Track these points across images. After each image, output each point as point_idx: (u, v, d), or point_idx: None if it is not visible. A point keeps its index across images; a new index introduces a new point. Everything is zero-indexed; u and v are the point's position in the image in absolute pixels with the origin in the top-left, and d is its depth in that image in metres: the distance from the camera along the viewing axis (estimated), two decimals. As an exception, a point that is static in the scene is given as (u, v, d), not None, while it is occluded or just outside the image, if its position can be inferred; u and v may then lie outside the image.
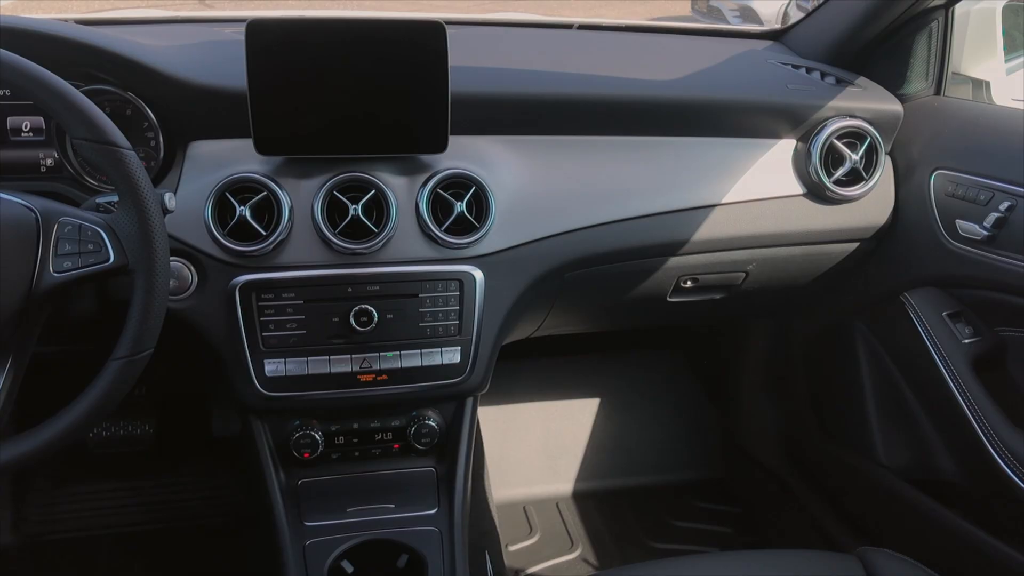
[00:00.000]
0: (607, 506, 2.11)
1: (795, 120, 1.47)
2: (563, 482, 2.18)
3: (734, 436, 2.22)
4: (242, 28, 1.48)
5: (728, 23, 8.04)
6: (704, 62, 1.60)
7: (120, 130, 1.00)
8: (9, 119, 1.28)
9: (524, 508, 2.08)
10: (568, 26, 1.81)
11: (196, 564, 1.89)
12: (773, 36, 1.83)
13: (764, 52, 1.73)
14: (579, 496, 2.15)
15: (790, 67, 1.60)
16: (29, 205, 1.00)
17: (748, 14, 8.04)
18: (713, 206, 1.45)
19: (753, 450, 2.15)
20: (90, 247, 0.99)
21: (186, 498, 2.02)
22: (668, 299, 1.57)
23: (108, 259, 0.99)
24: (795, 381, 2.00)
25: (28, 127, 1.29)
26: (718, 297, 1.62)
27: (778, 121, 1.48)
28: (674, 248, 1.46)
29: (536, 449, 2.19)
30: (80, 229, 1.00)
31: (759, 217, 1.48)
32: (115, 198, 1.09)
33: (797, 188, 1.50)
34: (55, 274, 0.99)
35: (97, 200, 1.11)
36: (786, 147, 1.51)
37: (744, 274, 1.56)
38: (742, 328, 2.12)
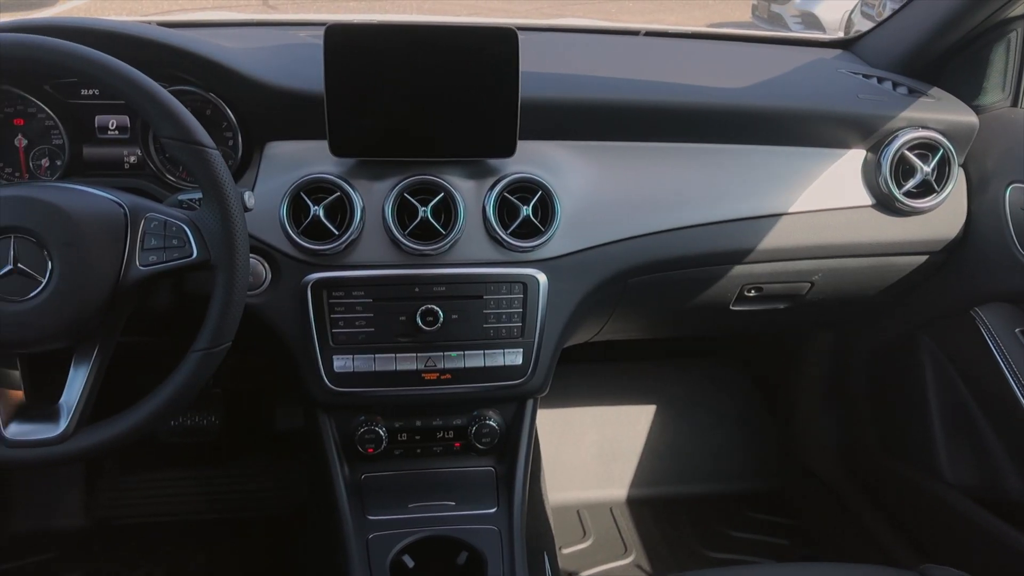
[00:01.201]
0: (661, 513, 2.11)
1: (866, 130, 1.46)
2: (617, 487, 2.18)
3: (791, 447, 2.19)
4: (316, 31, 1.53)
5: (789, 29, 7.94)
6: (773, 70, 1.59)
7: None
8: (97, 118, 1.34)
9: (578, 512, 2.09)
10: (635, 33, 1.81)
11: (256, 554, 1.93)
12: (842, 45, 1.81)
13: (834, 61, 1.71)
14: (633, 502, 2.15)
15: (861, 77, 1.58)
16: (118, 201, 1.05)
17: (810, 20, 7.93)
18: (780, 215, 1.44)
19: (811, 462, 2.13)
20: (175, 242, 1.03)
21: (248, 489, 2.07)
22: (731, 307, 1.57)
23: (192, 254, 1.03)
24: (856, 394, 1.98)
25: (114, 125, 1.35)
26: (782, 307, 1.60)
27: (848, 131, 1.46)
28: (739, 256, 1.45)
29: (591, 453, 2.19)
30: (166, 225, 1.04)
31: (826, 227, 1.46)
32: (197, 195, 1.13)
33: (866, 199, 1.48)
34: (141, 267, 1.03)
35: (179, 197, 1.15)
36: (855, 157, 1.49)
37: (809, 284, 1.55)
38: (803, 338, 2.10)
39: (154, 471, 2.08)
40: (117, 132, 1.35)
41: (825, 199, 1.46)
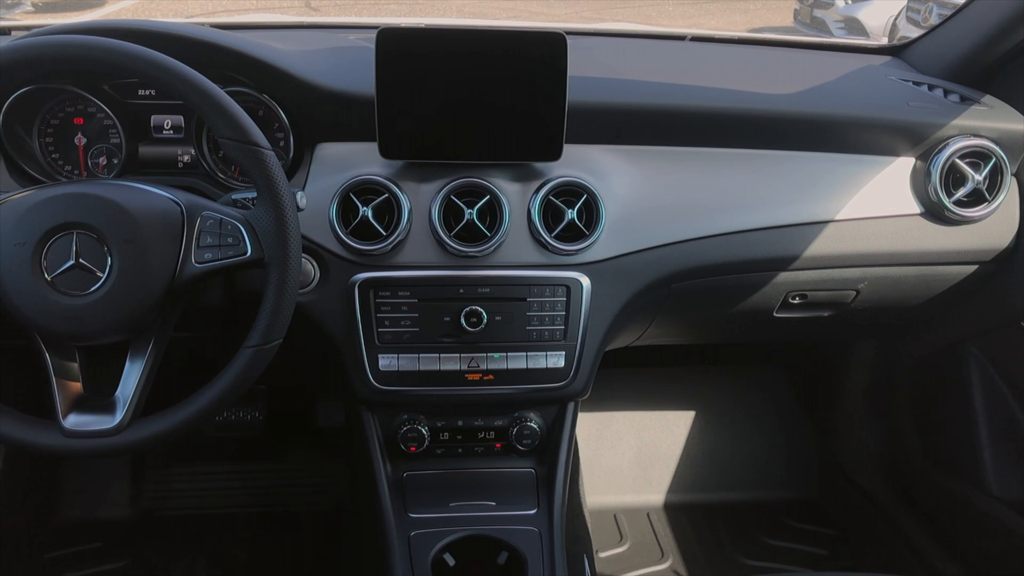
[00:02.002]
0: (699, 519, 2.10)
1: (915, 138, 1.44)
2: (655, 492, 2.17)
3: (832, 456, 2.17)
4: (365, 34, 1.55)
5: (832, 34, 7.84)
6: (821, 76, 1.58)
7: None
8: (153, 117, 1.37)
9: (615, 516, 2.09)
10: (681, 38, 1.81)
11: (298, 549, 1.96)
12: (891, 51, 1.80)
13: (883, 68, 1.69)
14: (670, 507, 2.14)
15: (911, 84, 1.57)
16: (175, 199, 1.08)
17: (854, 26, 7.83)
18: (826, 222, 1.43)
19: (851, 472, 2.10)
20: (229, 240, 1.06)
21: (290, 484, 2.11)
22: (775, 314, 1.56)
23: (246, 252, 1.06)
24: (900, 404, 1.95)
25: (169, 125, 1.38)
26: (826, 315, 1.59)
27: (897, 138, 1.45)
28: (784, 263, 1.44)
29: (629, 458, 2.19)
30: (221, 223, 1.06)
31: (873, 235, 1.45)
32: (250, 195, 1.16)
33: (914, 207, 1.46)
34: (196, 264, 1.06)
35: (233, 196, 1.18)
36: (904, 165, 1.47)
37: (855, 292, 1.53)
38: (846, 346, 2.08)
39: (198, 464, 2.12)
40: (172, 131, 1.38)
41: (872, 207, 1.45)
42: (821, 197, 1.43)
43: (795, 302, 1.54)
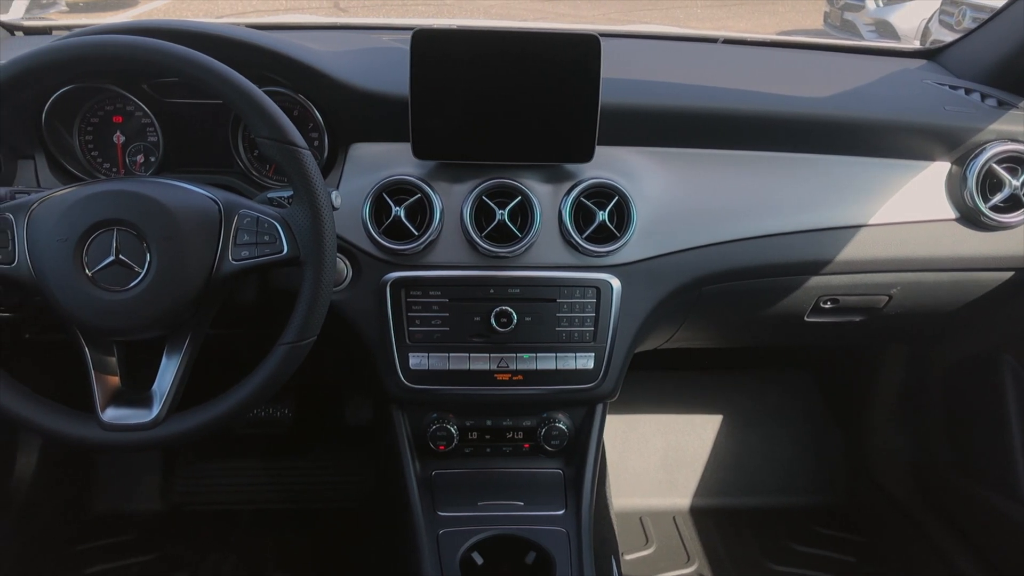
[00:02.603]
0: (725, 523, 2.09)
1: (952, 142, 1.43)
2: (681, 496, 2.16)
3: (860, 462, 2.15)
4: (398, 36, 1.56)
5: (862, 38, 7.77)
6: (856, 79, 1.57)
7: None
8: (190, 116, 1.39)
9: (640, 519, 2.08)
10: (713, 40, 1.80)
11: (325, 545, 1.98)
12: (926, 55, 1.78)
13: (919, 71, 1.68)
14: (696, 511, 2.14)
15: (947, 87, 1.55)
16: (213, 197, 1.09)
17: (885, 29, 7.75)
18: (859, 227, 1.42)
19: (880, 478, 2.08)
20: (266, 238, 1.07)
21: (317, 481, 2.12)
22: (806, 319, 1.55)
23: (282, 250, 1.07)
24: (931, 410, 1.93)
25: (205, 124, 1.40)
26: (857, 320, 1.58)
27: (933, 143, 1.43)
28: (816, 267, 1.43)
29: (655, 461, 2.18)
30: (258, 221, 1.08)
31: (907, 240, 1.44)
32: (285, 193, 1.17)
33: (949, 212, 1.45)
34: (234, 262, 1.07)
35: (268, 195, 1.19)
36: (939, 170, 1.46)
37: (887, 297, 1.52)
38: (877, 352, 2.06)
39: (228, 460, 2.15)
40: (208, 131, 1.40)
41: (906, 211, 1.43)
42: (855, 201, 1.42)
43: (826, 306, 1.53)
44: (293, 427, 2.04)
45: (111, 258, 1.03)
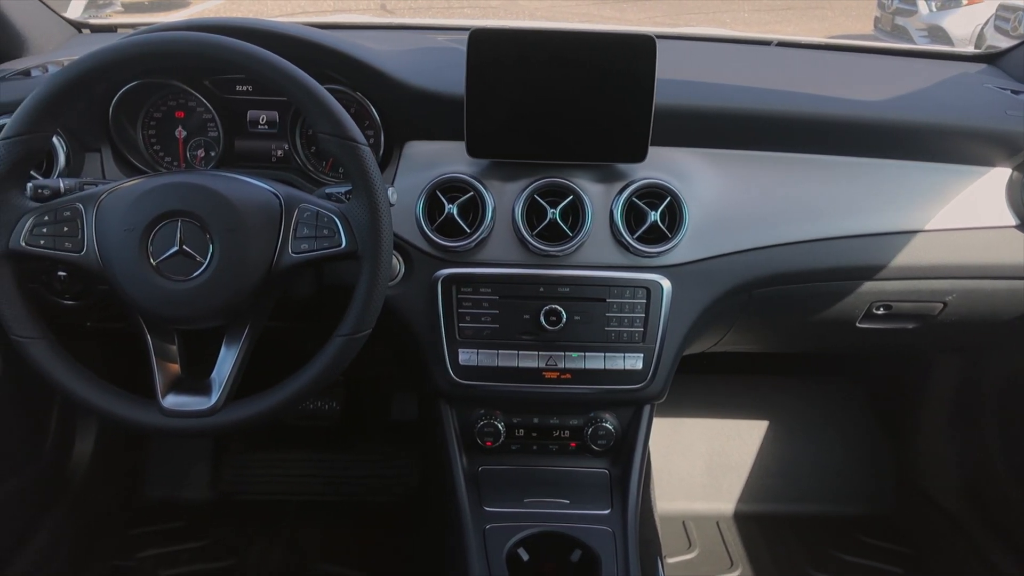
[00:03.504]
0: (770, 530, 2.07)
1: (1013, 148, 1.40)
2: (725, 501, 2.15)
3: (910, 472, 2.12)
4: (454, 36, 1.58)
5: (915, 43, 7.63)
6: (913, 83, 1.55)
7: None
8: (249, 112, 1.43)
9: (683, 522, 2.07)
10: (766, 43, 1.80)
11: (370, 538, 2.00)
12: (986, 59, 1.75)
13: (978, 75, 1.65)
14: (741, 516, 2.12)
15: (1009, 92, 1.53)
16: (274, 191, 1.12)
17: (938, 34, 7.61)
18: (914, 232, 1.40)
19: (930, 489, 2.05)
20: (325, 232, 1.09)
21: (363, 475, 2.15)
22: (857, 325, 1.53)
23: (340, 244, 1.09)
24: (985, 421, 1.89)
25: (264, 120, 1.43)
26: (911, 327, 1.56)
27: (993, 148, 1.41)
28: (869, 273, 1.42)
29: (700, 465, 2.17)
30: (317, 215, 1.10)
31: (964, 247, 1.41)
32: (341, 189, 1.19)
33: (1009, 219, 1.42)
34: (293, 254, 1.09)
35: (327, 190, 1.21)
36: (999, 176, 1.43)
37: (942, 305, 1.50)
38: (929, 359, 2.02)
39: (275, 451, 2.19)
40: (267, 127, 1.43)
41: (964, 217, 1.41)
42: (911, 206, 1.40)
43: (879, 313, 1.51)
44: (340, 421, 2.06)
45: (175, 248, 1.06)
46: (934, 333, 1.60)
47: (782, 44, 1.79)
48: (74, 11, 1.75)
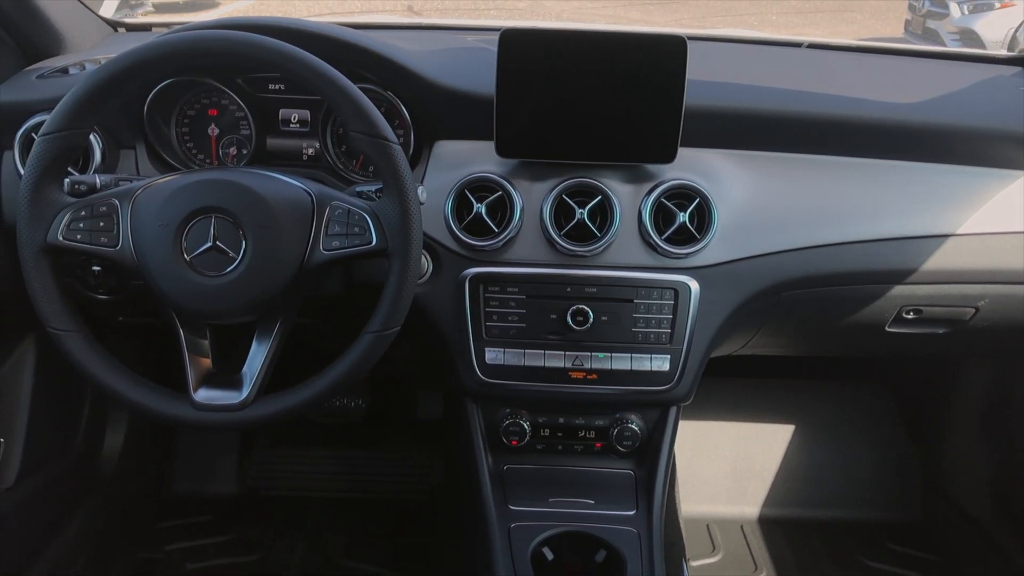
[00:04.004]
0: (795, 535, 2.05)
1: None
2: (749, 505, 2.14)
3: (938, 479, 2.09)
4: (483, 36, 1.59)
5: (946, 46, 7.54)
6: (947, 86, 1.53)
7: None
8: (281, 111, 1.44)
9: (707, 526, 2.07)
10: (797, 44, 1.78)
11: (393, 535, 2.01)
12: (1020, 62, 1.72)
13: (1012, 79, 1.63)
14: (765, 521, 2.11)
15: (1045, 95, 1.51)
16: (307, 188, 1.13)
17: (969, 37, 7.51)
18: (946, 236, 1.38)
19: (959, 496, 2.02)
20: (356, 230, 1.10)
21: (388, 472, 2.16)
22: (887, 329, 1.52)
23: (371, 242, 1.10)
24: (1015, 429, 1.87)
25: (296, 119, 1.44)
26: (941, 332, 1.54)
27: None
28: (900, 276, 1.40)
29: (724, 468, 2.16)
30: (349, 213, 1.10)
31: (998, 251, 1.40)
32: (372, 187, 1.20)
33: (1045, 223, 1.40)
34: (324, 251, 1.10)
35: (357, 188, 1.22)
36: (1035, 180, 1.42)
37: (974, 310, 1.48)
38: (959, 365, 2.00)
39: (301, 448, 2.21)
40: (298, 125, 1.44)
41: (998, 222, 1.39)
42: (943, 209, 1.38)
43: (909, 317, 1.50)
44: (366, 418, 2.08)
45: (208, 244, 1.07)
46: (965, 338, 1.58)
47: (813, 46, 1.78)
48: (107, 11, 1.77)
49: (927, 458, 2.14)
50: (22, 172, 1.26)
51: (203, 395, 1.12)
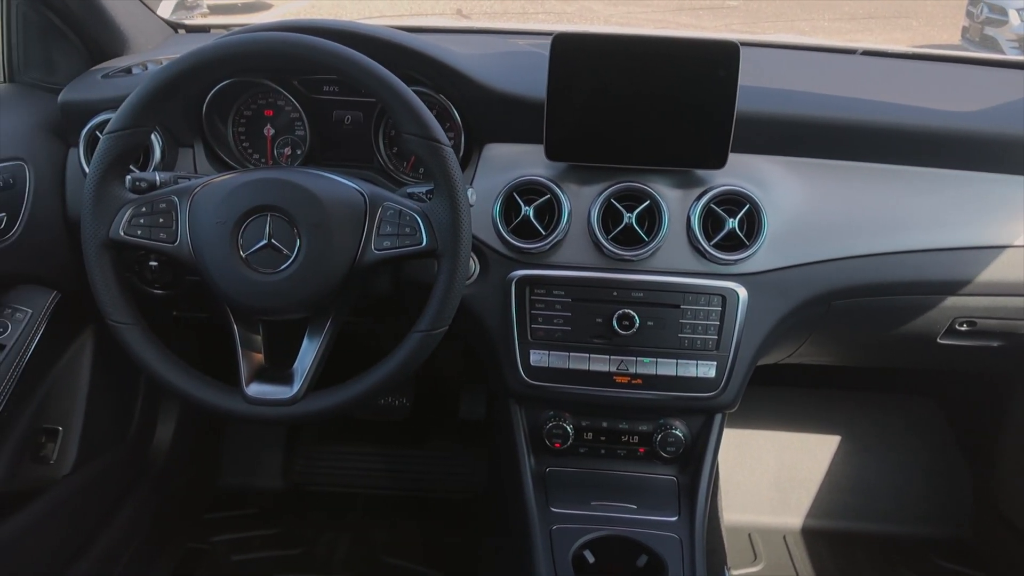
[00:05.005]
0: (839, 547, 2.02)
1: None
2: (793, 515, 2.11)
3: (989, 495, 2.04)
4: (535, 40, 1.59)
5: (1005, 54, 7.36)
6: (1004, 95, 1.50)
7: None
8: (335, 112, 1.46)
9: (749, 535, 2.04)
10: (851, 51, 1.76)
11: (436, 533, 2.03)
12: (1086, 71, 1.68)
13: (1077, 88, 1.59)
14: (808, 532, 2.08)
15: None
16: (360, 189, 1.14)
17: (1030, 45, 7.32)
18: (1003, 247, 1.35)
19: (1011, 513, 1.97)
20: (407, 230, 1.12)
21: (431, 471, 2.18)
22: (938, 340, 1.49)
23: (421, 243, 1.11)
24: None
25: (349, 120, 1.47)
26: (995, 345, 1.51)
27: None
28: (953, 288, 1.38)
29: (768, 477, 2.14)
30: (400, 214, 1.12)
31: (1056, 264, 1.37)
32: (422, 188, 1.21)
33: (1105, 236, 1.37)
34: (376, 251, 1.12)
35: (408, 189, 1.24)
36: (1095, 190, 1.38)
37: None
38: (1015, 379, 1.95)
39: (346, 445, 2.23)
40: (352, 127, 1.47)
41: None
42: (999, 220, 1.36)
43: (962, 329, 1.47)
44: (410, 417, 2.10)
45: (264, 242, 1.10)
46: (1020, 352, 1.55)
47: (867, 53, 1.76)
48: (163, 12, 1.82)
49: (978, 473, 2.09)
50: (86, 169, 1.31)
51: (255, 389, 1.14)
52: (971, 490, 2.10)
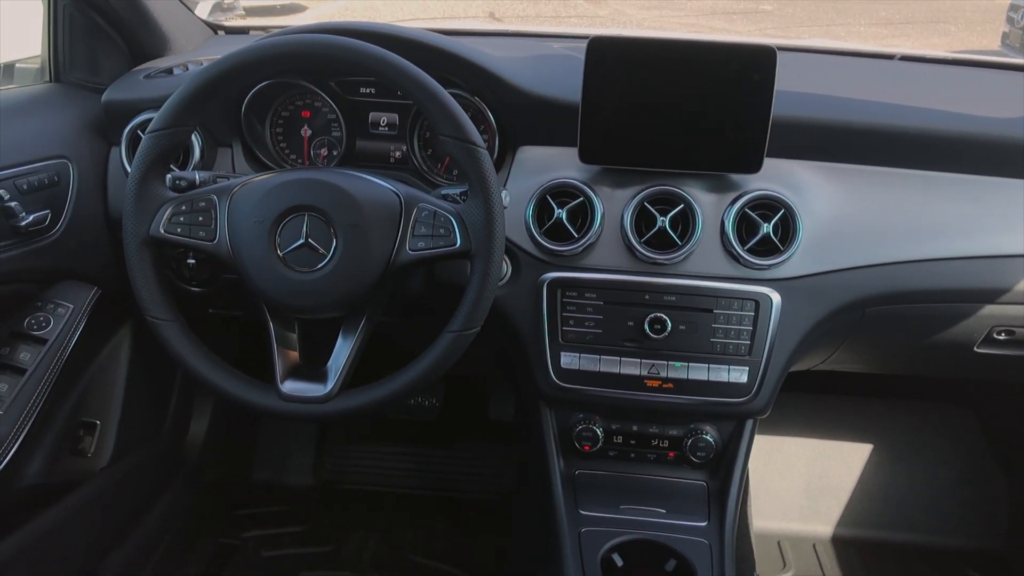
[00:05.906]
0: (869, 556, 2.00)
1: None
2: (823, 524, 2.09)
3: None
4: (570, 43, 1.60)
5: (1045, 60, 7.23)
6: (1046, 101, 1.48)
7: None
8: (371, 114, 1.48)
9: (778, 542, 2.03)
10: (889, 56, 1.75)
11: (465, 533, 2.04)
12: None
13: (1122, 94, 1.56)
14: (839, 541, 2.06)
15: None
16: (395, 190, 1.16)
17: (1072, 51, 7.19)
18: None
19: None
20: (441, 231, 1.13)
21: (460, 472, 2.19)
22: (975, 349, 1.47)
23: (455, 243, 1.12)
24: None
25: (385, 122, 1.48)
26: None
27: None
28: (991, 295, 1.36)
29: (799, 484, 2.12)
30: (435, 215, 1.13)
31: (1099, 272, 1.34)
32: (456, 190, 1.22)
33: None
34: (410, 251, 1.13)
35: (443, 191, 1.25)
36: None
37: None
38: None
39: (376, 444, 2.25)
40: (387, 128, 1.48)
41: None
42: None
43: (1000, 338, 1.45)
44: (439, 418, 2.11)
45: (301, 241, 1.11)
46: None
47: (906, 58, 1.74)
48: (200, 14, 1.85)
49: (1014, 485, 2.05)
50: (128, 168, 1.33)
51: (289, 387, 1.16)
52: (1005, 501, 2.07)
